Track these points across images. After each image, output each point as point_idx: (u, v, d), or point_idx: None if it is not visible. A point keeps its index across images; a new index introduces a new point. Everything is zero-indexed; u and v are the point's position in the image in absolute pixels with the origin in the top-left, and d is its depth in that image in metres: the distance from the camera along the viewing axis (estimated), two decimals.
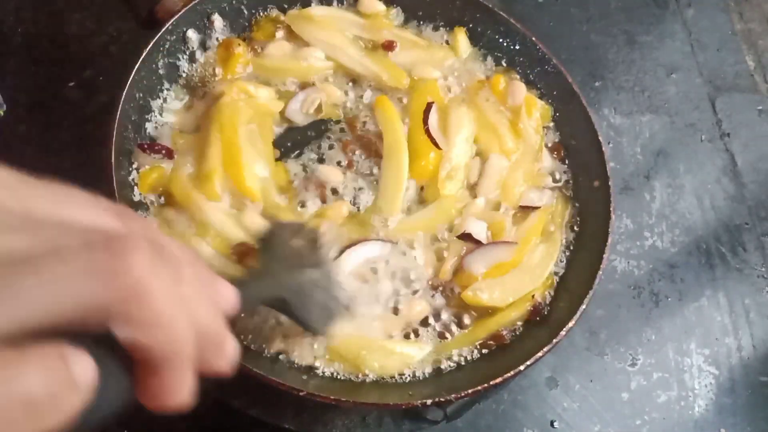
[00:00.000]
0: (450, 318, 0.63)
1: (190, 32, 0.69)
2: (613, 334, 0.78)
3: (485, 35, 0.77)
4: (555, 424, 0.72)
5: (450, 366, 0.62)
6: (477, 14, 0.77)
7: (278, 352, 0.59)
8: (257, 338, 0.58)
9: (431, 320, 0.63)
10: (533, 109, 0.72)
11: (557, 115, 0.75)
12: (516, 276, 0.64)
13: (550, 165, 0.73)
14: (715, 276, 0.84)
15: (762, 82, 1.04)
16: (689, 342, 0.79)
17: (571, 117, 0.74)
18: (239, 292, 0.34)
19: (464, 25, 0.78)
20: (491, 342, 0.63)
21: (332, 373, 0.59)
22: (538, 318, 0.64)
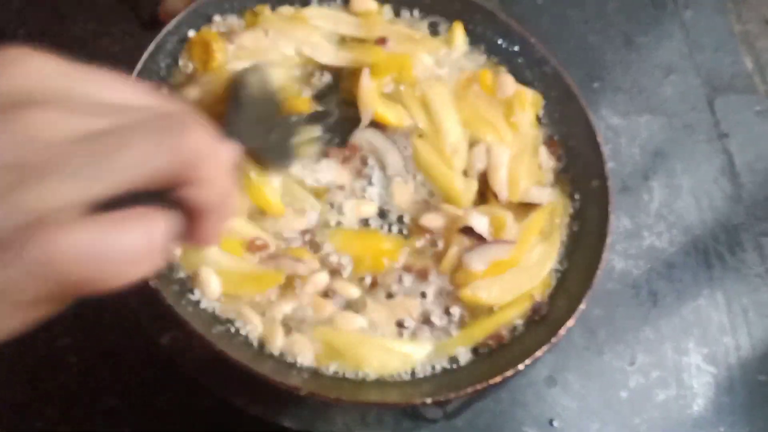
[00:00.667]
0: (449, 317, 0.64)
1: (192, 33, 0.70)
2: (612, 333, 0.79)
3: (484, 36, 0.78)
4: (554, 423, 0.72)
5: (449, 365, 0.62)
6: (476, 15, 0.77)
7: (278, 352, 0.59)
8: (257, 336, 0.59)
9: (430, 320, 0.63)
10: (525, 103, 0.73)
11: (556, 116, 0.76)
12: (515, 275, 0.65)
13: (549, 164, 0.74)
14: (713, 275, 0.85)
15: (760, 83, 1.04)
16: (687, 341, 0.80)
17: (570, 118, 0.74)
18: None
19: (463, 25, 0.78)
20: (490, 341, 0.63)
21: (332, 372, 0.59)
22: (537, 317, 0.64)
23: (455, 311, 0.64)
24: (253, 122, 0.52)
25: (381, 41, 0.74)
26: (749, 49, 1.08)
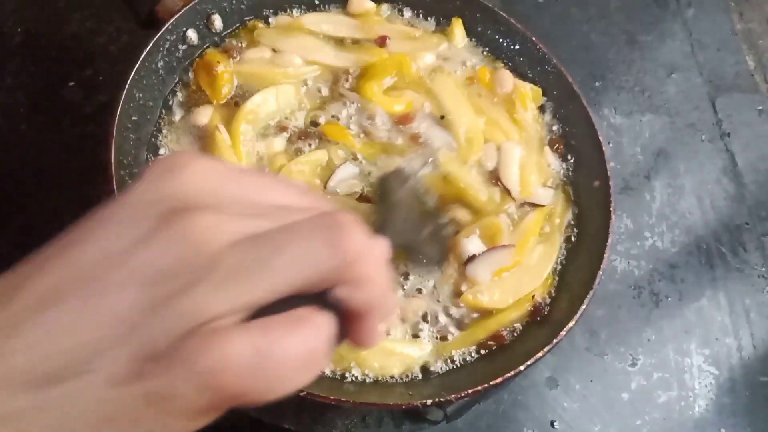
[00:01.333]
0: (450, 318, 0.63)
1: (190, 32, 0.69)
2: (614, 334, 0.78)
3: (485, 34, 0.77)
4: (555, 425, 0.72)
5: (450, 366, 0.62)
6: (477, 14, 0.77)
7: None
8: None
9: (431, 320, 0.63)
10: (527, 100, 0.73)
11: (558, 116, 0.75)
12: (516, 277, 0.64)
13: (552, 164, 0.73)
14: (716, 276, 0.84)
15: (762, 82, 1.04)
16: (689, 342, 0.79)
17: (572, 117, 0.74)
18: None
19: (464, 24, 0.78)
20: (491, 342, 0.63)
21: (332, 374, 0.59)
22: (539, 318, 0.64)
23: (456, 312, 0.63)
24: (403, 222, 0.53)
25: (381, 40, 0.74)
26: (752, 48, 1.07)
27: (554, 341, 0.59)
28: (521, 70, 0.77)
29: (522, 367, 0.57)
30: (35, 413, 0.24)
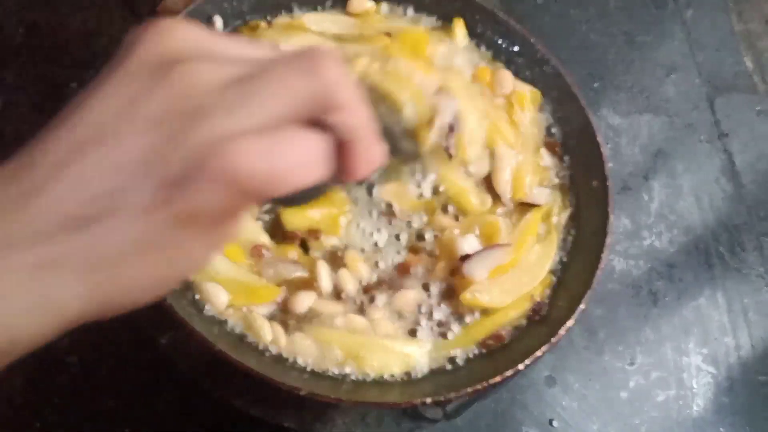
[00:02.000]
0: (449, 317, 0.63)
1: None
2: (612, 334, 0.78)
3: (484, 35, 0.78)
4: (554, 423, 0.72)
5: (449, 365, 0.62)
6: (476, 15, 0.77)
7: (278, 352, 0.59)
8: (257, 338, 0.59)
9: (431, 319, 0.63)
10: (525, 102, 0.73)
11: (556, 116, 0.75)
12: (514, 276, 0.65)
13: (549, 164, 0.74)
14: (714, 275, 0.85)
15: (761, 83, 1.04)
16: (688, 341, 0.80)
17: (570, 117, 0.74)
18: None
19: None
20: (490, 341, 0.63)
21: (332, 372, 0.59)
22: (537, 317, 0.64)
23: (455, 311, 0.64)
24: (379, 112, 0.54)
25: (387, 35, 0.73)
26: (750, 49, 1.08)
27: (553, 340, 0.59)
28: (520, 71, 0.77)
29: (521, 366, 0.57)
30: (75, 254, 0.27)
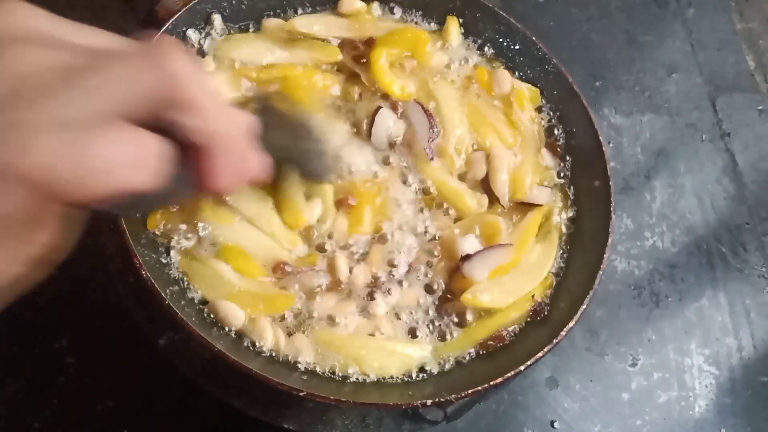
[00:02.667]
0: (450, 318, 0.63)
1: (190, 32, 0.69)
2: (614, 334, 0.78)
3: (485, 34, 0.77)
4: (555, 425, 0.72)
5: (450, 366, 0.61)
6: (477, 13, 0.77)
7: (279, 353, 0.58)
8: (257, 338, 0.58)
9: (431, 320, 0.63)
10: (524, 101, 0.73)
11: (558, 115, 0.75)
12: (515, 276, 0.64)
13: (550, 164, 0.73)
14: (716, 276, 0.84)
15: (762, 82, 1.04)
16: (689, 342, 0.79)
17: (572, 117, 0.74)
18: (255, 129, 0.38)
19: (463, 23, 0.78)
20: (491, 342, 0.63)
21: (332, 374, 0.59)
22: (539, 318, 0.64)
23: (456, 312, 0.63)
24: (279, 136, 0.54)
25: (370, 42, 0.73)
26: (752, 48, 1.07)
27: (554, 341, 0.59)
28: (521, 70, 0.77)
29: (522, 367, 0.57)
30: None
